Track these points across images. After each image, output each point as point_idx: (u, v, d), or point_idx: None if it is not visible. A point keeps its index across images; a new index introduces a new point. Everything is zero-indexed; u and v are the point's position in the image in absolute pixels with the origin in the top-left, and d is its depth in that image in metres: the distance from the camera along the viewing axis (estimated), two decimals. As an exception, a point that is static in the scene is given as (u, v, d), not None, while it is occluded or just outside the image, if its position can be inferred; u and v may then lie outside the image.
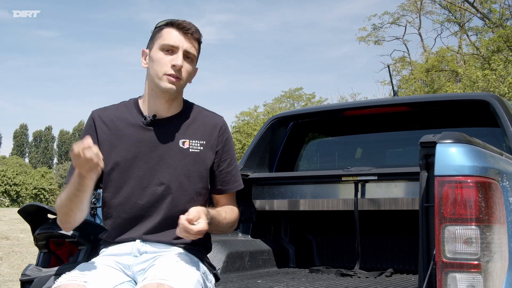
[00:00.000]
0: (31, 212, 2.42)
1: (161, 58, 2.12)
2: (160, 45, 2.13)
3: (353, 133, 4.24)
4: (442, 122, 3.81)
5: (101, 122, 2.20)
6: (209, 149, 2.20)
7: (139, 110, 2.22)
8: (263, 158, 3.89)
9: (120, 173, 2.14)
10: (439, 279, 1.86)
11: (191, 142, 2.17)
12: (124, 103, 2.28)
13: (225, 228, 2.18)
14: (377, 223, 3.61)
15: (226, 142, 2.24)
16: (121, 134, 2.17)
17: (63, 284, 1.86)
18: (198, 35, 2.17)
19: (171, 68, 2.10)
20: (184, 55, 2.12)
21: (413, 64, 28.10)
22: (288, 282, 2.84)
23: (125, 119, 2.20)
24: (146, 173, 2.13)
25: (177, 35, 2.12)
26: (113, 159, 2.15)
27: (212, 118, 2.26)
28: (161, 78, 2.11)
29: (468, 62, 23.32)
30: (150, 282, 1.82)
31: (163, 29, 2.15)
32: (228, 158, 2.24)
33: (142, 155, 2.14)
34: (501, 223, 1.92)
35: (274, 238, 3.78)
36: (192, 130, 2.20)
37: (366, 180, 3.23)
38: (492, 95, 3.40)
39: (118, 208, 2.13)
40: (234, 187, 2.27)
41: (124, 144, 2.15)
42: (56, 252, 2.46)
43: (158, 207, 2.11)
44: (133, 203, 2.12)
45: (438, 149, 1.90)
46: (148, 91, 2.20)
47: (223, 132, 2.25)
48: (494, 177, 1.94)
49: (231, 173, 2.25)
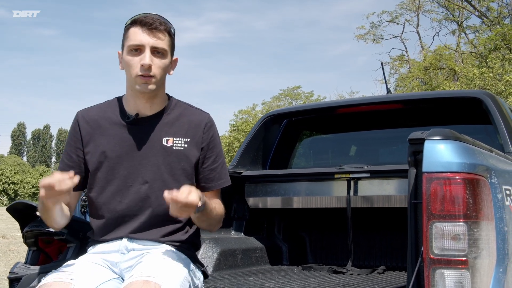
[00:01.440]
0: (19, 209, 2.41)
1: (131, 60, 2.09)
2: (127, 46, 2.10)
3: (347, 130, 4.24)
4: (435, 119, 3.81)
5: (85, 123, 2.20)
6: (194, 146, 2.18)
7: (123, 109, 2.20)
8: (257, 155, 3.89)
9: (105, 173, 2.13)
10: (427, 275, 1.86)
11: (174, 140, 2.16)
12: (109, 102, 2.27)
13: (214, 220, 2.15)
14: (370, 220, 3.61)
15: (212, 140, 2.22)
16: (105, 133, 2.17)
17: (49, 282, 1.86)
18: (164, 26, 2.12)
19: (140, 69, 2.07)
20: (153, 51, 2.09)
21: (411, 62, 28.11)
22: (279, 279, 2.84)
23: (109, 119, 2.19)
24: (130, 172, 2.12)
25: (141, 33, 2.08)
26: (97, 159, 2.14)
27: (197, 115, 2.24)
28: (134, 81, 2.10)
29: (466, 61, 23.32)
30: (136, 279, 1.81)
31: (129, 29, 2.12)
32: (213, 155, 2.22)
33: (126, 154, 2.13)
34: (489, 219, 1.92)
35: (267, 235, 3.78)
36: (176, 128, 2.18)
37: (359, 178, 3.23)
38: (484, 92, 3.40)
39: (103, 207, 2.13)
40: (218, 184, 2.24)
41: (107, 143, 2.15)
42: (45, 250, 2.45)
43: (143, 205, 2.10)
44: (118, 202, 2.11)
45: (426, 146, 1.90)
46: (128, 92, 2.19)
47: (208, 129, 2.22)
48: (482, 174, 1.94)
49: (215, 171, 2.22)
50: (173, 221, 2.13)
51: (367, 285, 2.66)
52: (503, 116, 3.15)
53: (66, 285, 1.83)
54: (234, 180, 3.51)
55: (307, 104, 7.24)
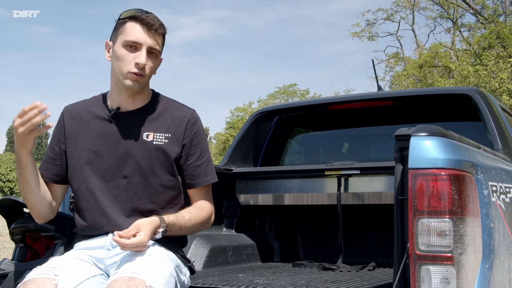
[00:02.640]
0: (6, 206, 2.40)
1: (125, 55, 2.09)
2: (124, 40, 2.09)
3: (338, 127, 4.24)
4: (426, 116, 3.81)
5: (69, 117, 2.22)
6: (175, 142, 2.17)
7: (106, 104, 2.21)
8: (248, 152, 3.89)
9: (85, 166, 2.13)
10: (413, 271, 1.86)
11: (155, 135, 2.15)
12: (95, 97, 2.28)
13: (193, 229, 2.16)
14: (361, 217, 3.62)
15: (195, 136, 2.20)
16: (87, 127, 2.17)
17: (33, 278, 1.85)
18: (163, 30, 2.14)
19: (135, 66, 2.08)
20: (148, 51, 2.09)
21: (406, 60, 28.14)
22: (269, 276, 2.84)
23: (92, 113, 2.20)
24: (110, 166, 2.12)
25: (141, 31, 2.09)
26: (78, 152, 2.15)
27: (181, 111, 2.23)
28: (124, 76, 2.10)
29: (461, 58, 23.35)
30: (121, 275, 1.81)
31: (126, 22, 2.11)
32: (197, 151, 2.20)
33: (106, 148, 2.13)
34: (474, 215, 1.92)
35: (259, 232, 3.78)
36: (158, 123, 2.18)
37: (349, 174, 3.24)
38: (474, 89, 3.40)
39: (84, 201, 2.13)
40: (203, 181, 2.22)
41: (88, 137, 2.15)
42: (33, 246, 2.44)
43: (122, 200, 2.10)
44: (97, 196, 2.11)
45: (412, 142, 1.90)
46: (112, 84, 2.19)
47: (192, 125, 2.20)
48: (468, 170, 1.94)
49: (200, 167, 2.21)
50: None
51: (356, 282, 2.67)
52: (493, 113, 3.15)
53: (50, 281, 1.83)
54: (225, 177, 3.54)
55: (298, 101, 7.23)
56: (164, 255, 2.02)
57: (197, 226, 2.17)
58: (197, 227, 2.17)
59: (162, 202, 2.15)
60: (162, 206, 2.15)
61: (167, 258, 2.02)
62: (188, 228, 2.12)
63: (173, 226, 2.03)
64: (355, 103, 3.82)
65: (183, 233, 2.14)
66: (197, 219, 2.15)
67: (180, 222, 2.07)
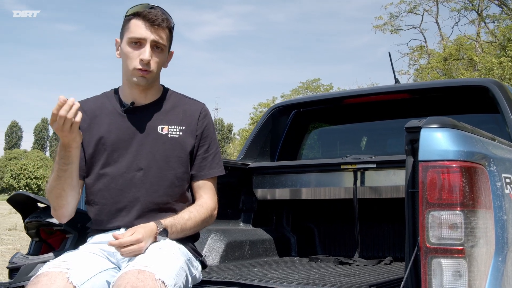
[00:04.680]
0: (20, 201, 2.45)
1: (130, 52, 2.12)
2: (128, 38, 2.13)
3: (355, 121, 4.22)
4: (443, 108, 3.76)
5: (83, 113, 2.22)
6: (189, 134, 2.21)
7: (119, 99, 2.25)
8: (264, 147, 3.89)
9: (100, 160, 2.17)
10: (424, 264, 1.84)
11: (170, 128, 2.19)
12: (105, 93, 2.32)
13: (196, 227, 2.18)
14: (378, 211, 3.59)
15: (206, 128, 2.25)
16: (101, 122, 2.20)
17: (46, 271, 1.88)
18: (167, 23, 2.15)
19: (139, 63, 2.10)
20: (153, 46, 2.12)
21: (431, 53, 27.81)
22: (283, 270, 2.84)
23: (105, 108, 2.23)
24: (125, 159, 2.15)
25: (144, 27, 2.11)
26: (93, 147, 2.18)
27: (192, 104, 2.28)
28: (131, 73, 2.13)
29: (487, 50, 22.99)
30: (131, 268, 1.82)
31: (130, 19, 2.14)
32: (205, 144, 2.25)
33: (121, 142, 2.16)
34: (486, 208, 1.90)
35: (276, 227, 3.79)
36: (171, 116, 2.21)
37: (366, 168, 3.22)
38: (492, 80, 3.35)
39: (99, 195, 2.16)
40: (208, 173, 2.25)
41: (104, 132, 2.18)
42: (48, 241, 2.49)
43: (138, 192, 2.13)
44: (113, 189, 2.14)
45: (423, 134, 1.88)
46: (124, 81, 2.23)
47: (203, 118, 2.25)
48: (480, 162, 1.92)
49: (207, 159, 2.25)
50: (169, 210, 2.16)
51: (370, 276, 2.65)
52: (511, 105, 3.10)
53: (62, 274, 1.85)
54: (242, 172, 3.55)
55: (315, 94, 7.20)
56: (175, 249, 2.03)
57: (199, 224, 2.18)
58: (199, 225, 2.19)
59: (176, 195, 2.18)
60: (176, 198, 2.18)
61: (178, 251, 2.03)
62: (190, 227, 2.14)
63: (171, 227, 2.05)
64: (371, 96, 3.79)
65: (186, 232, 2.14)
66: (197, 217, 2.17)
67: (179, 222, 2.09)
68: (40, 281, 1.83)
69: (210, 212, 2.24)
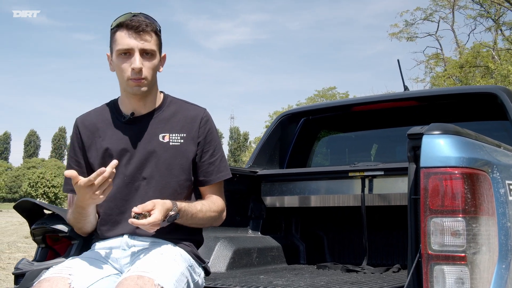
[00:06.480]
0: (26, 208, 2.47)
1: (121, 63, 2.13)
2: (116, 50, 2.13)
3: (364, 128, 4.21)
4: (451, 116, 3.75)
5: (84, 128, 2.27)
6: (190, 141, 2.22)
7: (118, 110, 2.26)
8: (273, 155, 3.89)
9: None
10: (425, 271, 1.83)
11: (171, 136, 2.20)
12: (105, 105, 2.34)
13: (205, 220, 2.18)
14: (386, 218, 3.58)
15: (208, 133, 2.25)
16: (103, 135, 2.22)
17: (48, 277, 1.90)
18: (151, 27, 2.14)
19: (131, 73, 2.11)
20: (142, 53, 2.12)
21: (447, 60, 27.66)
22: (290, 277, 2.83)
23: (106, 120, 2.25)
24: (129, 169, 2.17)
25: (129, 37, 2.11)
26: (99, 160, 2.20)
27: (193, 110, 2.28)
28: (126, 84, 2.15)
29: (504, 58, 22.81)
30: (131, 274, 1.84)
31: (116, 32, 2.15)
32: (210, 149, 2.25)
33: (124, 152, 2.18)
34: (489, 214, 1.88)
35: (284, 234, 3.78)
36: (172, 124, 2.22)
37: (374, 176, 3.21)
38: (500, 87, 3.33)
39: (105, 206, 2.18)
40: (217, 177, 2.26)
41: (106, 144, 2.20)
42: (54, 247, 2.51)
43: (142, 201, 2.12)
44: (119, 200, 2.16)
45: (425, 140, 1.88)
46: (121, 92, 2.25)
47: (204, 123, 2.25)
48: (482, 168, 1.90)
49: (213, 164, 2.25)
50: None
51: (376, 283, 2.64)
52: (520, 111, 3.08)
53: (64, 280, 1.87)
54: (250, 179, 3.56)
55: (323, 102, 7.14)
56: (176, 254, 2.04)
57: (208, 218, 2.19)
58: (208, 219, 2.20)
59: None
60: None
61: (179, 257, 2.04)
62: (200, 218, 2.14)
63: (184, 212, 2.06)
64: (380, 103, 3.79)
65: (194, 223, 2.15)
66: (208, 211, 2.18)
67: (191, 210, 2.10)
68: (42, 286, 1.85)
69: (220, 211, 2.25)
